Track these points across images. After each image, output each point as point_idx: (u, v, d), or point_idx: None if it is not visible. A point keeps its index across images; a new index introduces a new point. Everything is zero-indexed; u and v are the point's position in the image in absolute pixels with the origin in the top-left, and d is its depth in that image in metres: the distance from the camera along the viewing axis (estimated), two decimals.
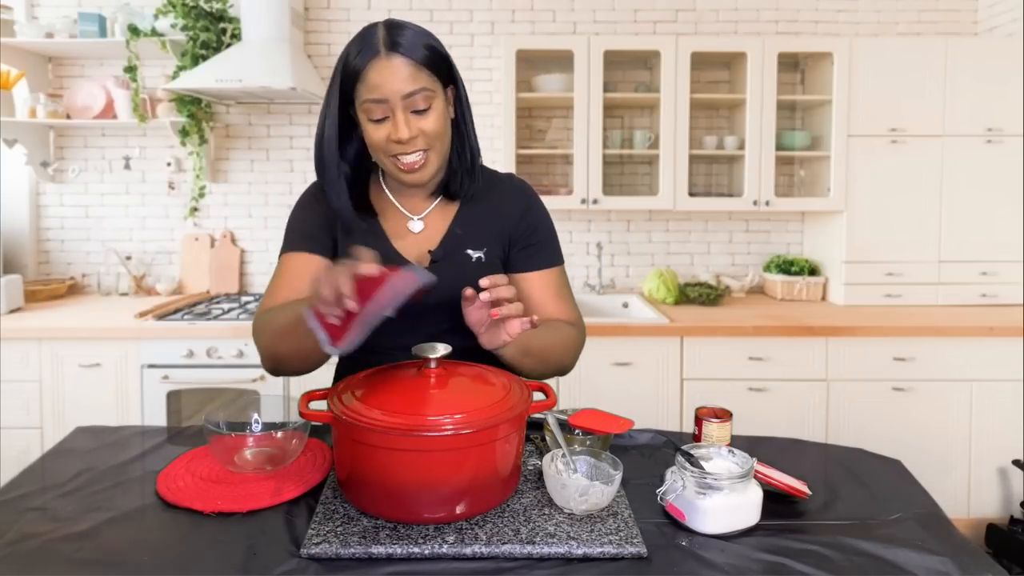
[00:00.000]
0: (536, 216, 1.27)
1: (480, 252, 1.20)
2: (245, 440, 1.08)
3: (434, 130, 1.11)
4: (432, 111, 1.10)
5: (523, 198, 1.27)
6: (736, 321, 2.56)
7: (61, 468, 1.11)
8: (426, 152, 1.12)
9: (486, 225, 1.23)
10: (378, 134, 1.10)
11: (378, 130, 1.10)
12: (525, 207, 1.26)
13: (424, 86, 1.08)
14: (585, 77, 2.77)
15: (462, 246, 1.20)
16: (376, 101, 1.08)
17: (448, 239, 1.21)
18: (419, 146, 1.11)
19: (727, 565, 0.85)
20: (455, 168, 1.20)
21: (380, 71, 1.07)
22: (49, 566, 0.84)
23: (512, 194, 1.27)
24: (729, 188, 3.09)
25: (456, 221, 1.22)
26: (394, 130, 1.09)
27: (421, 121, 1.10)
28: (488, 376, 1.02)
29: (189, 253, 3.12)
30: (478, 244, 1.21)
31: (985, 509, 2.57)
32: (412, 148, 1.10)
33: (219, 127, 3.09)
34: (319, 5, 3.05)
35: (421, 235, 1.21)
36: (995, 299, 2.82)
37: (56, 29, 2.80)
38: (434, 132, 1.11)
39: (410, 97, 1.08)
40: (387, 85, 1.07)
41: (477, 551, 0.85)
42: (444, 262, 1.19)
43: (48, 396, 2.46)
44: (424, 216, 1.22)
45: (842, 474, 1.12)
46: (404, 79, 1.07)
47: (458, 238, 1.21)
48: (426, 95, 1.09)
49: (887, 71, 2.76)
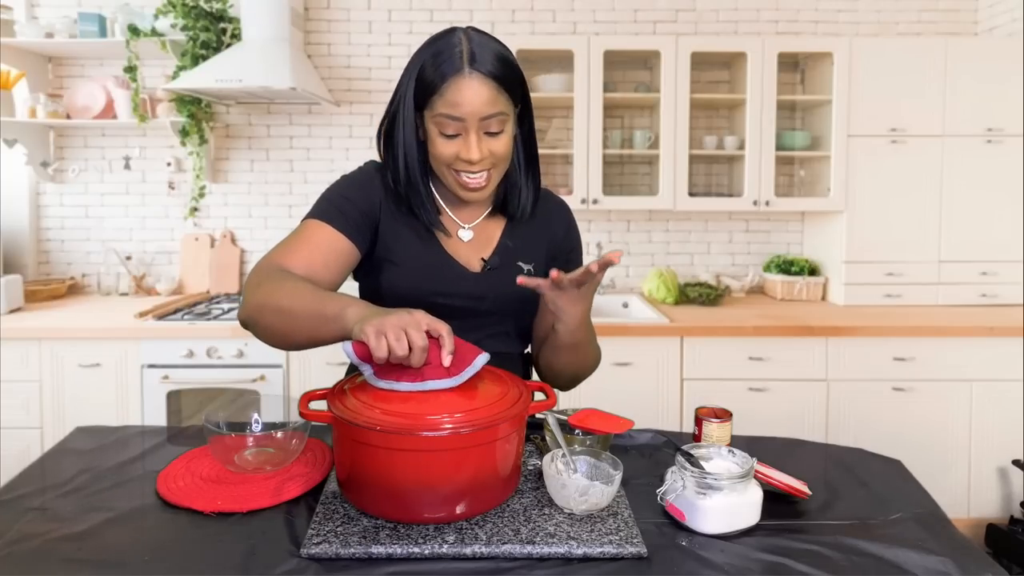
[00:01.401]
0: (576, 236, 1.34)
1: (530, 264, 1.24)
2: (245, 440, 1.08)
3: (503, 153, 1.12)
4: (504, 134, 1.11)
5: (566, 216, 1.32)
6: (736, 321, 2.56)
7: (61, 468, 1.11)
8: (489, 172, 1.13)
9: (535, 239, 1.26)
10: (447, 149, 1.10)
11: (448, 145, 1.09)
12: (568, 226, 1.32)
13: (501, 110, 1.08)
14: (585, 77, 2.77)
15: (514, 257, 1.23)
16: (452, 118, 1.07)
17: (501, 249, 1.23)
18: (485, 167, 1.11)
19: (727, 565, 0.85)
20: (518, 184, 1.21)
21: (461, 89, 1.05)
22: (49, 566, 0.84)
23: (557, 212, 1.31)
24: (729, 188, 3.09)
25: (506, 233, 1.25)
26: (465, 150, 1.08)
27: (492, 143, 1.10)
28: (488, 376, 1.02)
29: (189, 253, 3.12)
30: (528, 257, 1.25)
31: (985, 509, 2.57)
32: (479, 168, 1.11)
33: (219, 127, 3.09)
34: (319, 5, 3.05)
35: (471, 244, 1.23)
36: (995, 299, 2.82)
37: (56, 29, 2.80)
38: (502, 155, 1.12)
39: (487, 120, 1.08)
40: (466, 105, 1.06)
41: (477, 551, 0.85)
42: (498, 271, 1.21)
43: (48, 396, 2.46)
44: (474, 226, 1.24)
45: (842, 474, 1.12)
46: (484, 102, 1.06)
47: (510, 250, 1.24)
48: (501, 119, 1.09)
49: (887, 71, 2.76)
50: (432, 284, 1.17)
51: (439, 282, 1.17)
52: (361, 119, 3.10)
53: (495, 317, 1.22)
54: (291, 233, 1.15)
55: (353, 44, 3.07)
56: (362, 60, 3.08)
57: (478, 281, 1.20)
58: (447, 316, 1.13)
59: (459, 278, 1.19)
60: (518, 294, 1.14)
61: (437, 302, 1.16)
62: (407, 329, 0.87)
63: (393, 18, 3.07)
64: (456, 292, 1.18)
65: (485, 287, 1.20)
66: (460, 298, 1.18)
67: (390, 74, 3.08)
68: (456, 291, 1.18)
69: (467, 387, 0.96)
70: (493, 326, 1.22)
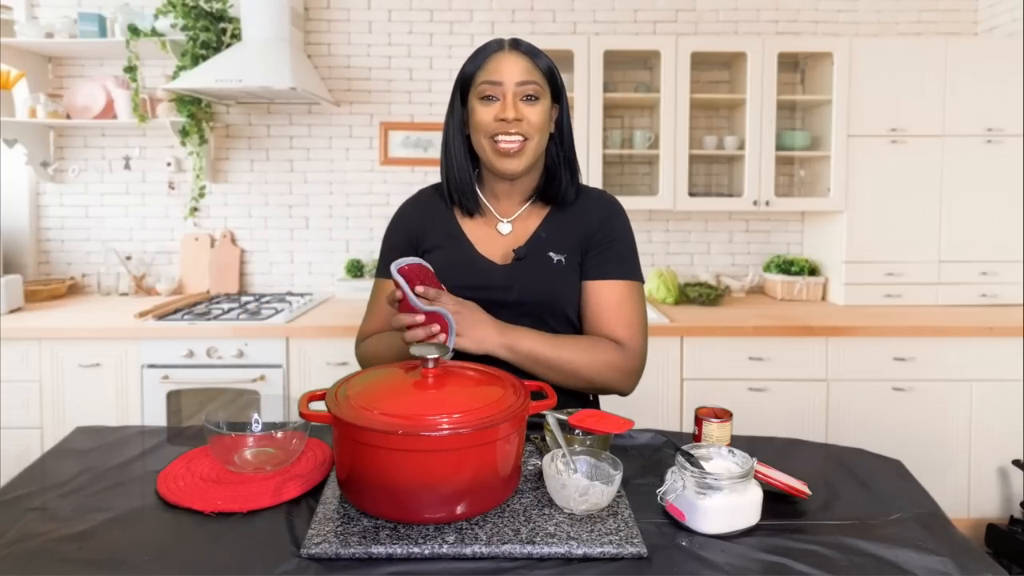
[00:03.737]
0: (616, 228, 1.29)
1: (561, 256, 1.26)
2: (245, 440, 1.08)
3: (537, 121, 1.20)
4: (538, 105, 1.21)
5: (607, 208, 1.32)
6: (736, 321, 2.56)
7: (61, 468, 1.11)
8: (525, 141, 1.20)
9: (570, 230, 1.28)
10: (486, 114, 1.20)
11: (486, 110, 1.20)
12: (607, 216, 1.30)
13: (536, 81, 1.21)
14: (585, 77, 2.77)
15: (545, 248, 1.26)
16: (491, 83, 1.20)
17: (533, 240, 1.27)
18: (521, 130, 1.19)
19: (727, 565, 0.85)
20: (554, 173, 1.29)
21: (500, 60, 1.21)
22: (49, 566, 0.84)
23: (598, 204, 1.32)
24: (729, 188, 3.09)
25: (543, 225, 1.29)
26: (501, 110, 1.19)
27: (527, 109, 1.20)
28: (488, 376, 1.02)
29: (189, 253, 3.12)
30: (561, 248, 1.27)
31: (985, 509, 2.57)
32: (514, 130, 1.19)
33: (219, 127, 3.09)
34: (319, 5, 3.05)
35: (509, 237, 1.29)
36: (995, 299, 2.82)
37: (56, 29, 2.80)
38: (536, 123, 1.20)
39: (523, 85, 1.20)
40: (504, 70, 1.19)
41: (477, 551, 0.85)
42: (526, 261, 1.25)
43: (48, 396, 2.46)
44: (513, 219, 1.30)
45: (842, 474, 1.12)
46: (521, 70, 1.20)
47: (542, 241, 1.27)
48: (535, 87, 1.21)
49: (887, 71, 2.76)
50: (457, 280, 1.22)
51: (465, 277, 1.24)
52: (361, 119, 3.10)
53: (525, 307, 1.24)
54: (370, 295, 1.37)
55: (353, 44, 3.08)
56: (362, 60, 3.08)
57: (505, 273, 1.24)
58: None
59: (483, 272, 1.25)
60: (541, 285, 1.22)
61: (467, 296, 1.20)
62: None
63: (393, 18, 3.07)
64: (483, 285, 1.23)
65: (511, 278, 1.24)
66: (486, 290, 1.23)
67: (390, 74, 3.08)
68: (482, 284, 1.23)
69: (467, 387, 0.96)
70: (526, 316, 1.24)
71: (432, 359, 0.98)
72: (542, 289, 1.22)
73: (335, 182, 3.12)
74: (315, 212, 3.14)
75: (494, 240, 1.29)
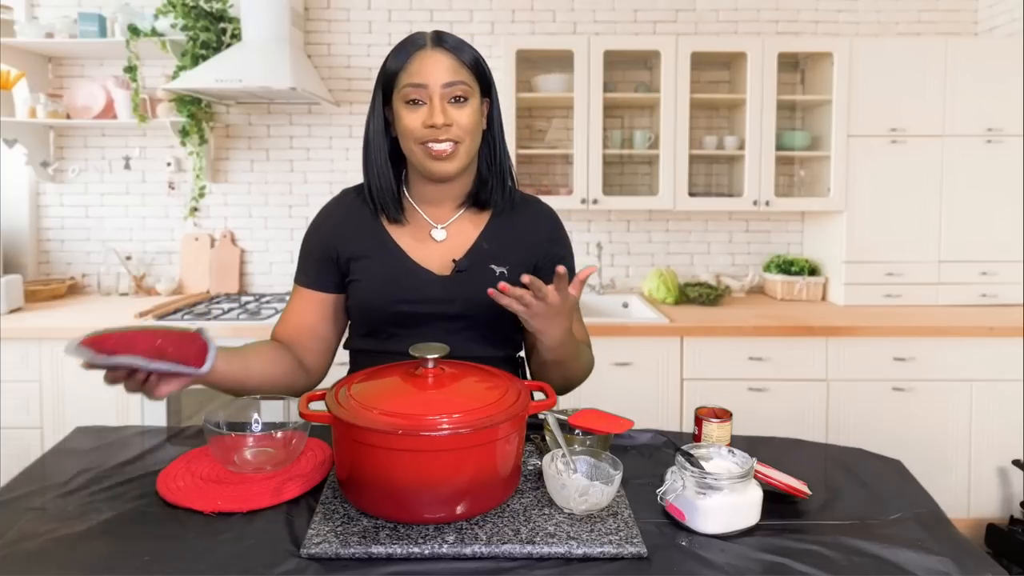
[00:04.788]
0: (564, 244, 1.31)
1: (504, 268, 1.21)
2: (245, 440, 1.08)
3: (468, 124, 1.14)
4: (468, 106, 1.14)
5: (552, 224, 1.31)
6: (736, 321, 2.56)
7: (61, 468, 1.11)
8: (456, 144, 1.14)
9: (513, 243, 1.24)
10: (413, 120, 1.13)
11: (413, 116, 1.13)
12: (554, 233, 1.30)
13: (463, 80, 1.13)
14: (585, 77, 2.77)
15: (487, 260, 1.21)
16: (415, 86, 1.12)
17: (474, 251, 1.22)
18: (451, 135, 1.13)
19: (727, 565, 0.85)
20: (485, 177, 1.24)
21: (423, 60, 1.12)
22: (49, 566, 0.84)
23: (542, 218, 1.30)
24: (729, 188, 3.09)
25: (483, 235, 1.23)
26: (429, 116, 1.12)
27: (456, 113, 1.13)
28: (488, 376, 1.02)
29: (189, 253, 3.12)
30: (503, 260, 1.22)
31: (985, 509, 2.57)
32: (444, 136, 1.13)
33: (219, 127, 3.09)
34: (319, 5, 3.05)
35: (443, 244, 1.23)
36: (995, 299, 2.82)
37: (56, 29, 2.80)
38: (467, 126, 1.14)
39: (449, 87, 1.12)
40: (428, 72, 1.11)
41: (477, 551, 0.85)
42: (468, 273, 1.20)
43: (48, 396, 2.46)
44: (447, 225, 1.23)
45: (842, 474, 1.12)
46: (446, 69, 1.12)
47: (484, 251, 1.22)
48: (464, 88, 1.13)
49: (887, 71, 2.76)
50: (394, 293, 1.18)
51: (401, 290, 1.19)
52: (361, 119, 3.09)
53: (468, 321, 1.20)
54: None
55: (353, 44, 3.08)
56: (362, 60, 3.08)
57: (446, 285, 1.19)
58: (414, 323, 1.19)
59: (422, 283, 1.19)
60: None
61: (402, 310, 1.18)
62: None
63: (393, 18, 3.07)
64: (420, 298, 1.18)
65: (454, 290, 1.18)
66: (426, 303, 1.18)
67: None
68: (420, 297, 1.18)
69: (467, 387, 0.96)
70: (468, 330, 1.21)
71: (432, 359, 0.98)
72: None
73: (335, 182, 3.12)
74: (315, 212, 3.13)
75: (428, 248, 1.22)
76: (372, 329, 1.24)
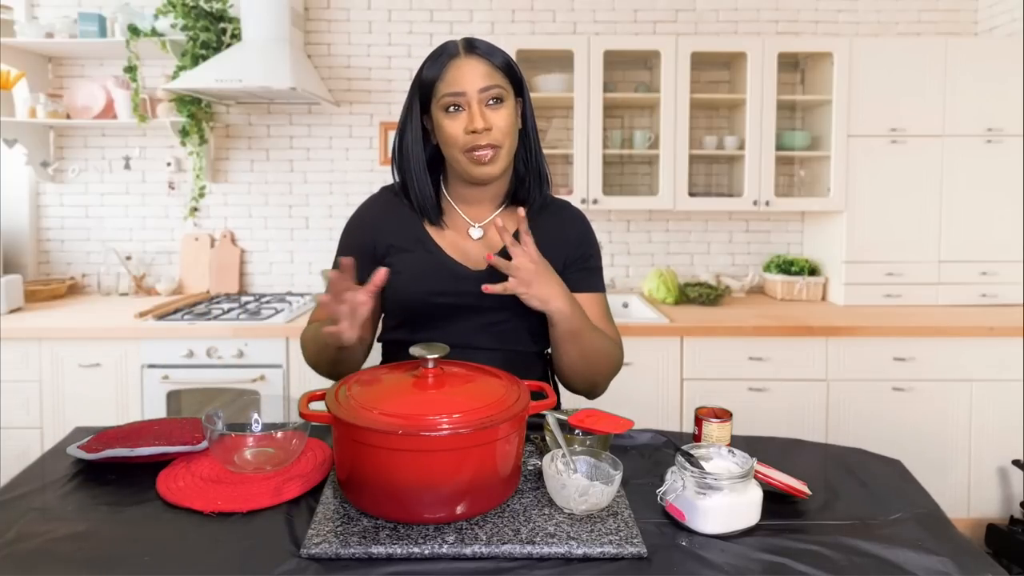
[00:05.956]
0: (593, 244, 1.36)
1: None
2: (245, 440, 1.08)
3: (506, 126, 1.19)
4: (504, 107, 1.19)
5: (584, 225, 1.37)
6: (736, 321, 2.56)
7: (61, 468, 1.10)
8: (497, 149, 1.19)
9: (546, 241, 1.26)
10: (455, 127, 1.18)
11: (454, 124, 1.18)
12: (585, 233, 1.35)
13: (498, 83, 1.19)
14: (585, 77, 2.77)
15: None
16: (454, 95, 1.17)
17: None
18: (491, 139, 1.18)
19: (727, 565, 0.85)
20: (523, 175, 1.29)
21: (459, 68, 1.18)
22: (49, 566, 0.84)
23: (575, 222, 1.36)
24: (729, 188, 3.09)
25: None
26: (470, 121, 1.17)
27: (494, 115, 1.18)
28: (488, 376, 1.02)
29: (189, 253, 3.12)
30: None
31: (985, 509, 2.57)
32: (485, 140, 1.17)
33: (219, 127, 3.09)
34: (319, 5, 3.05)
35: (481, 242, 1.28)
36: (995, 299, 2.82)
37: (56, 29, 2.80)
38: (505, 128, 1.19)
39: (486, 91, 1.17)
40: (465, 79, 1.17)
41: (477, 551, 0.85)
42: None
43: (48, 396, 2.46)
44: (485, 224, 1.29)
45: (842, 474, 1.12)
46: (481, 75, 1.17)
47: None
48: (499, 91, 1.18)
49: (887, 71, 2.76)
50: (430, 285, 1.22)
51: (436, 283, 1.23)
52: (361, 119, 3.10)
53: (502, 314, 1.24)
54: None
55: (353, 44, 3.08)
56: (362, 60, 3.08)
57: (480, 280, 1.21)
58: (450, 315, 1.23)
59: (456, 277, 1.23)
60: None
61: (437, 302, 1.22)
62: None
63: (393, 18, 3.07)
64: (455, 291, 1.22)
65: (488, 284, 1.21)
66: (460, 296, 1.22)
67: (390, 74, 3.08)
68: (455, 290, 1.22)
69: (467, 387, 0.96)
70: (501, 324, 1.24)
71: (432, 359, 0.98)
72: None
73: (335, 182, 3.12)
74: (315, 212, 3.14)
75: (466, 245, 1.27)
76: (404, 320, 1.28)
